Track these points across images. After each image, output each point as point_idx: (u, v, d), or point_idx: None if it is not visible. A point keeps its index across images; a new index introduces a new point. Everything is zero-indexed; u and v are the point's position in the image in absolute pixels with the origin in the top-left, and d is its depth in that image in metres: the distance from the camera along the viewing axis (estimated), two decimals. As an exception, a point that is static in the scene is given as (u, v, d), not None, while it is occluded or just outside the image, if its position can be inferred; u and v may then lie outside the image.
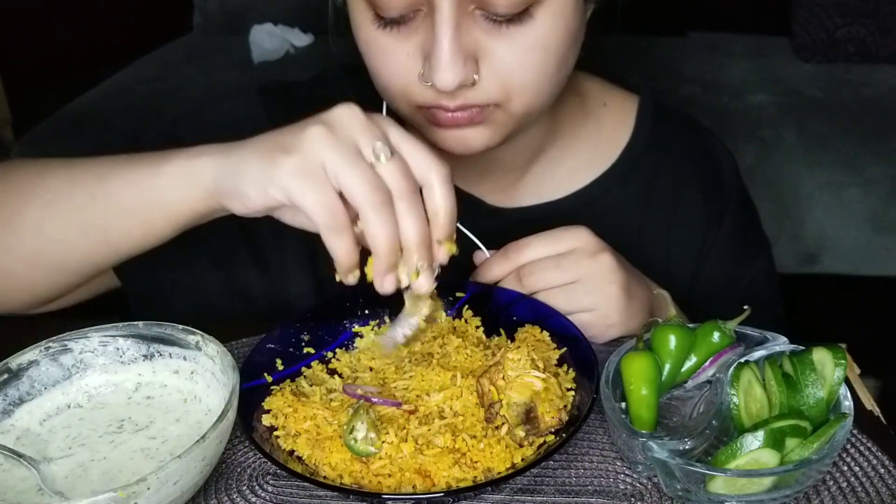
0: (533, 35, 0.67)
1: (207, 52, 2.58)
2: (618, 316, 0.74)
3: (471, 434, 0.62)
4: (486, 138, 0.73)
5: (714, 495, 0.57)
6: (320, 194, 0.58)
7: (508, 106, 0.71)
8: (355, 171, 0.58)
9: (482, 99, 0.70)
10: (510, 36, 0.67)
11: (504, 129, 0.73)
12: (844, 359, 0.61)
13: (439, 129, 0.72)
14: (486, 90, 0.69)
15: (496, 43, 0.67)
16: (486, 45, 0.67)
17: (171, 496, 0.55)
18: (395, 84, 0.71)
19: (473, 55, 0.67)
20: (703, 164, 0.91)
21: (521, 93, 0.70)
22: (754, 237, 0.96)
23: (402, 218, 0.59)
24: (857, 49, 2.35)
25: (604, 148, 0.89)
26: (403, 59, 0.69)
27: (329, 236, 0.59)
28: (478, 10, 0.66)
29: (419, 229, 0.59)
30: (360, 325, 0.76)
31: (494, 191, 0.87)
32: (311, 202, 0.58)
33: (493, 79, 0.69)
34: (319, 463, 0.61)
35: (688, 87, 2.29)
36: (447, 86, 0.66)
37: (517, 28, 0.67)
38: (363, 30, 0.70)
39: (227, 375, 0.63)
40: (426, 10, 0.67)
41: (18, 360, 0.65)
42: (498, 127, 0.73)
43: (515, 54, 0.68)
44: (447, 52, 0.65)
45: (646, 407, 0.63)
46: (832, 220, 2.02)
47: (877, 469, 0.61)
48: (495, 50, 0.68)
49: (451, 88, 0.67)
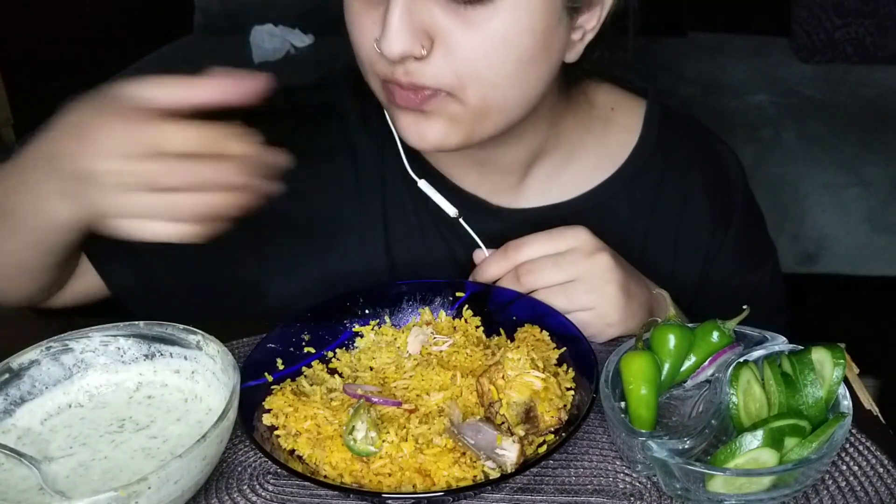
0: (492, 23, 0.67)
1: (208, 52, 2.58)
2: (616, 315, 0.74)
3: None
4: (442, 132, 0.72)
5: (713, 494, 0.57)
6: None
7: (463, 96, 0.70)
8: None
9: (432, 81, 0.69)
10: (468, 19, 0.67)
11: (461, 125, 0.72)
12: (843, 358, 0.61)
13: (399, 114, 0.72)
14: (437, 71, 0.68)
15: (453, 24, 0.67)
16: (443, 23, 0.67)
17: (171, 495, 0.55)
18: (363, 55, 0.72)
19: (427, 31, 0.67)
20: (710, 168, 0.91)
21: (475, 83, 0.69)
22: (760, 242, 0.96)
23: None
24: (856, 49, 2.35)
25: (611, 152, 0.88)
26: (369, 26, 0.70)
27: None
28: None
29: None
30: (361, 325, 0.76)
31: (497, 191, 0.87)
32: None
33: (445, 61, 0.68)
34: (320, 462, 0.61)
35: (688, 87, 2.29)
36: (391, 53, 0.66)
37: (476, 12, 0.66)
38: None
39: (227, 375, 0.63)
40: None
41: (19, 359, 0.65)
42: (454, 122, 0.72)
43: (471, 39, 0.67)
44: (395, 18, 0.65)
45: (645, 406, 0.63)
46: (831, 220, 2.02)
47: (875, 468, 0.61)
48: (451, 31, 0.67)
49: (394, 56, 0.66)
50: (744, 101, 2.22)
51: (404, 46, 0.66)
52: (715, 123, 0.99)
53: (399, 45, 0.66)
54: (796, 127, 2.11)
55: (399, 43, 0.66)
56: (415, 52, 0.67)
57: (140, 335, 0.68)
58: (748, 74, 2.36)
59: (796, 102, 2.21)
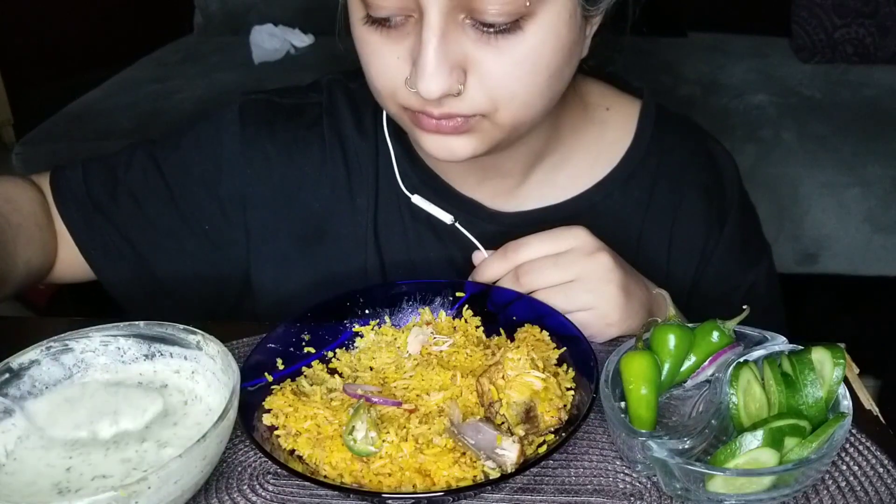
0: (522, 48, 0.67)
1: (208, 52, 2.58)
2: (616, 315, 0.74)
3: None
4: (472, 147, 0.72)
5: (713, 494, 0.57)
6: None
7: (496, 117, 0.70)
8: None
9: (468, 109, 0.69)
10: (499, 48, 0.66)
11: (491, 138, 0.73)
12: (843, 358, 0.61)
13: (424, 134, 0.72)
14: (472, 100, 0.68)
15: (484, 54, 0.67)
16: (475, 55, 0.67)
17: (171, 495, 0.55)
18: (383, 85, 0.71)
19: (461, 65, 0.67)
20: (705, 168, 0.91)
21: (509, 105, 0.69)
22: (755, 242, 0.96)
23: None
24: (856, 50, 2.35)
25: (606, 152, 0.89)
26: (392, 62, 0.69)
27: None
28: (467, 20, 0.66)
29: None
30: (361, 325, 0.76)
31: (495, 195, 0.87)
32: None
33: (480, 90, 0.68)
34: (320, 462, 0.61)
35: (688, 87, 2.29)
36: (430, 94, 0.66)
37: (507, 40, 0.66)
38: (356, 27, 0.70)
39: (227, 375, 0.63)
40: (417, 17, 0.66)
41: (19, 359, 0.65)
42: (485, 136, 0.72)
43: (504, 66, 0.67)
44: (432, 60, 0.65)
45: (645, 406, 0.63)
46: (831, 220, 2.02)
47: (875, 468, 0.61)
48: (483, 61, 0.67)
49: (435, 97, 0.66)
50: (744, 101, 2.22)
51: (442, 87, 0.66)
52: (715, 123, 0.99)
53: (437, 87, 0.65)
54: (796, 127, 2.11)
55: (437, 84, 0.65)
56: (453, 90, 0.67)
57: (140, 335, 0.68)
58: (748, 74, 2.36)
59: (796, 102, 2.20)
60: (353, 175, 0.88)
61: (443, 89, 0.66)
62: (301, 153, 0.88)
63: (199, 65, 2.48)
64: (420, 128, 0.72)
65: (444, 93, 0.66)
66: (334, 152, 0.88)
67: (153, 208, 0.88)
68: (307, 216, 0.88)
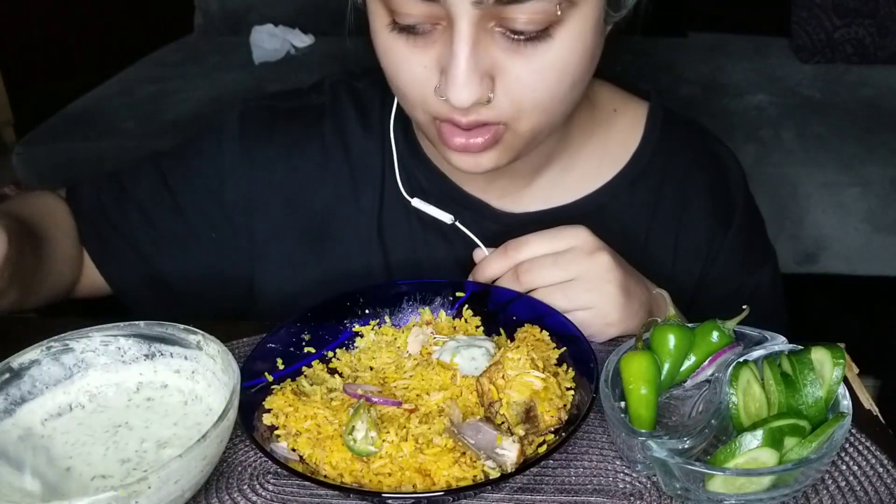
0: (551, 56, 0.67)
1: (208, 52, 2.58)
2: (616, 314, 0.74)
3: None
4: (496, 159, 0.73)
5: (713, 494, 0.57)
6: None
7: (517, 125, 0.70)
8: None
9: (494, 117, 0.69)
10: (528, 55, 0.66)
11: (513, 148, 0.73)
12: (843, 358, 0.61)
13: (451, 151, 0.72)
14: (499, 108, 0.68)
15: (513, 62, 0.67)
16: (503, 63, 0.67)
17: (171, 495, 0.55)
18: (412, 93, 0.71)
19: (490, 73, 0.67)
20: (712, 171, 0.91)
21: (532, 112, 0.70)
22: (760, 245, 0.96)
23: None
24: (856, 50, 2.35)
25: (613, 154, 0.88)
26: (420, 70, 0.68)
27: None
28: (497, 28, 0.65)
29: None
30: (361, 325, 0.76)
31: (503, 196, 0.87)
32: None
33: (506, 97, 0.68)
34: (320, 462, 0.61)
35: (688, 87, 2.29)
36: (462, 103, 0.66)
37: (535, 48, 0.66)
38: (381, 35, 0.70)
39: (227, 375, 0.63)
40: (445, 24, 0.66)
41: (20, 359, 0.65)
42: (507, 147, 0.72)
43: (531, 74, 0.67)
44: (463, 69, 0.64)
45: (645, 406, 0.63)
46: (831, 220, 2.02)
47: (875, 468, 0.61)
48: (512, 69, 0.67)
49: (466, 106, 0.66)
50: (744, 101, 2.22)
51: (473, 96, 0.66)
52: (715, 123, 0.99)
53: (468, 96, 0.65)
54: (796, 127, 2.10)
55: (468, 93, 0.65)
56: (483, 98, 0.67)
57: (140, 335, 0.68)
58: (748, 74, 2.35)
59: (796, 102, 2.20)
60: (357, 175, 0.88)
61: (474, 98, 0.66)
62: (301, 155, 0.88)
63: (199, 65, 2.48)
64: (449, 147, 0.72)
65: (475, 101, 0.66)
66: (336, 153, 0.88)
67: (161, 219, 0.89)
68: (310, 217, 0.88)
